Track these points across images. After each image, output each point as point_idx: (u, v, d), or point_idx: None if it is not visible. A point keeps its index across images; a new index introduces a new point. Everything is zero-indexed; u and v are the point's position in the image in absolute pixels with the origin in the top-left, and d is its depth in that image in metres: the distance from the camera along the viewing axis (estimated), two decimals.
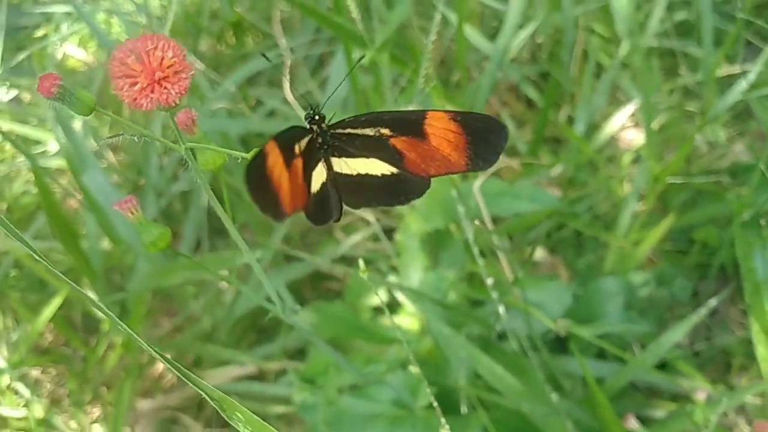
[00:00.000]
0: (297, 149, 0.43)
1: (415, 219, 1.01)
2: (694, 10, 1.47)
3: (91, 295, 1.30)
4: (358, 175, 0.46)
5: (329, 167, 0.46)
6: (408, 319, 1.21)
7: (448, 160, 0.43)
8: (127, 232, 1.16)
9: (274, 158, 0.40)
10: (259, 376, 1.29)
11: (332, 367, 0.99)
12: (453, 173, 0.44)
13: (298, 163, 0.43)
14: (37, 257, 0.38)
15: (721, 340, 1.23)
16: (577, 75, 1.52)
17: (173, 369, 0.36)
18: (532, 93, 1.52)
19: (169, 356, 1.25)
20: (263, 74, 1.73)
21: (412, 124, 0.43)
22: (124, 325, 0.39)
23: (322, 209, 0.47)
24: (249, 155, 0.44)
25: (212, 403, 0.37)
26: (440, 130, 0.43)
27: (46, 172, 1.38)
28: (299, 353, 1.30)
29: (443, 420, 0.73)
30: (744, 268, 0.93)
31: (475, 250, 0.81)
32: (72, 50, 1.87)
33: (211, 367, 1.31)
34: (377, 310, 1.28)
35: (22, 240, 0.38)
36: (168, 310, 1.43)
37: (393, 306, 1.27)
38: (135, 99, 0.39)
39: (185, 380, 0.36)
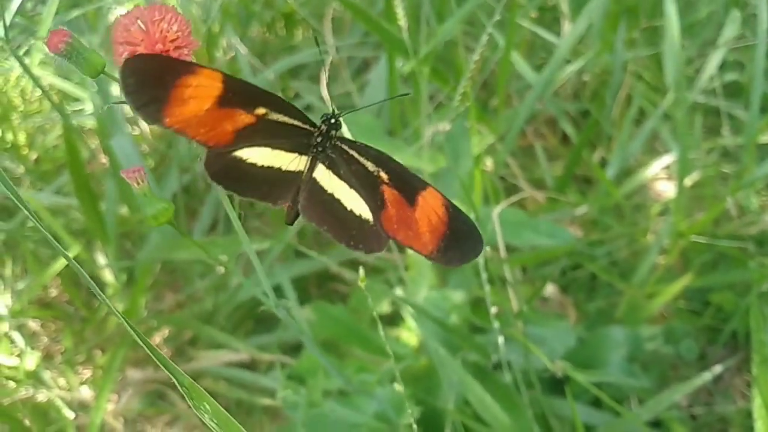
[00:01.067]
0: (256, 109, 0.41)
1: None
2: (747, 73, 1.45)
3: (101, 257, 1.31)
4: (331, 195, 0.45)
5: (311, 169, 0.45)
6: (407, 334, 1.20)
7: (420, 238, 0.42)
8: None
9: (205, 82, 0.38)
10: (251, 365, 1.28)
11: (322, 369, 0.98)
12: (416, 251, 0.42)
13: (243, 116, 0.40)
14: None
15: (721, 407, 1.20)
16: (618, 118, 1.50)
17: (149, 350, 0.35)
18: (569, 129, 1.51)
19: (167, 331, 1.25)
20: (306, 68, 1.74)
21: (409, 185, 0.43)
22: (110, 303, 0.39)
23: (273, 191, 0.45)
24: None
25: (181, 390, 0.36)
26: (429, 208, 0.42)
27: (77, 130, 1.40)
28: (294, 348, 1.30)
29: None
30: (755, 339, 0.90)
31: (484, 276, 0.79)
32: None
33: (206, 349, 1.31)
34: (380, 319, 1.27)
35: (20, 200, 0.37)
36: (173, 285, 1.43)
37: (395, 318, 1.26)
38: None
39: (156, 360, 0.36)
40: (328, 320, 1.17)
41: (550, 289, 1.36)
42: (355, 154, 0.44)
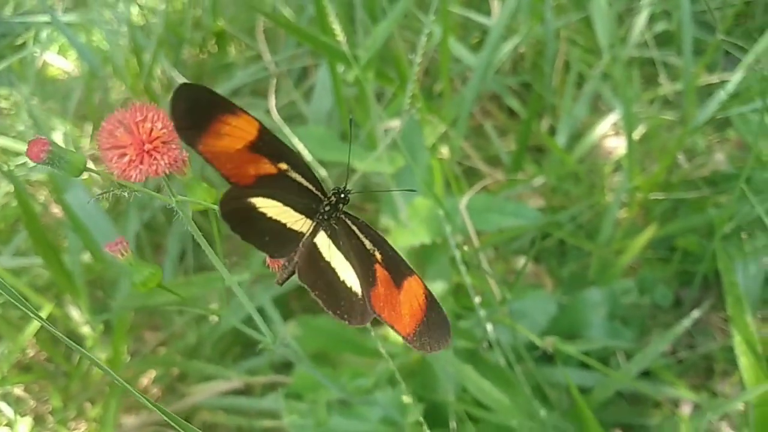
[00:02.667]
0: (280, 163, 0.43)
1: (401, 234, 1.01)
2: (675, 20, 1.49)
3: (74, 310, 1.29)
4: (328, 263, 0.47)
5: (313, 234, 0.47)
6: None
7: (401, 320, 0.44)
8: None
9: (243, 125, 0.41)
10: (246, 391, 1.28)
11: (320, 385, 0.99)
12: (396, 331, 0.45)
13: (267, 165, 0.43)
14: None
15: (703, 347, 1.25)
16: (559, 85, 1.53)
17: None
18: (514, 103, 1.53)
19: (154, 372, 1.24)
20: (246, 84, 1.73)
21: (399, 269, 0.45)
22: (106, 368, 0.39)
23: (273, 243, 0.47)
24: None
25: None
26: (413, 294, 0.44)
27: (26, 184, 1.37)
28: (286, 367, 1.30)
29: None
30: (726, 281, 0.95)
31: (463, 269, 0.81)
32: (52, 59, 1.85)
33: (197, 382, 1.30)
34: None
35: None
36: (152, 325, 1.42)
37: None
38: (124, 171, 0.39)
39: (151, 407, 0.36)
40: (314, 333, 1.18)
41: (523, 262, 1.39)
42: (356, 230, 0.47)
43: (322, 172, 1.10)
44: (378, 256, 0.46)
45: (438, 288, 1.12)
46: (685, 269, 1.32)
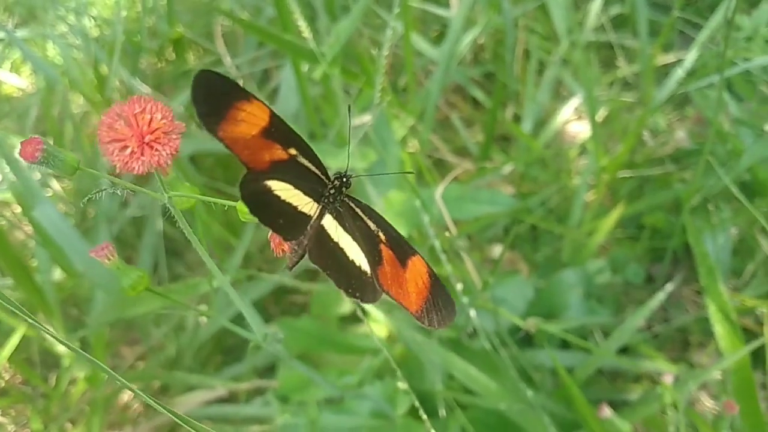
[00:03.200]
0: (290, 149, 0.45)
1: None
2: (629, 3, 1.52)
3: (50, 330, 1.26)
4: (336, 243, 0.48)
5: (320, 217, 0.48)
6: (376, 327, 1.22)
7: (408, 297, 0.46)
8: (83, 263, 1.13)
9: (256, 112, 0.42)
10: (230, 398, 1.27)
11: (307, 386, 0.99)
12: (404, 308, 0.47)
13: (279, 150, 0.45)
14: None
15: (677, 320, 1.28)
16: (521, 74, 1.56)
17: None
18: (478, 94, 1.55)
19: (135, 386, 1.22)
20: None
21: (402, 249, 0.47)
22: (108, 369, 0.38)
23: (287, 225, 0.48)
24: (225, 202, 0.45)
25: None
26: (417, 272, 0.46)
27: None
28: (268, 371, 1.29)
29: (428, 425, 0.74)
30: (696, 252, 0.97)
31: (443, 257, 0.82)
32: (5, 76, 1.80)
33: (180, 394, 1.28)
34: (344, 321, 1.28)
35: None
36: (129, 340, 1.40)
37: (358, 316, 1.27)
38: (126, 163, 0.39)
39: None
40: (296, 334, 1.17)
41: (498, 249, 1.41)
42: (360, 212, 0.48)
43: None
44: (382, 236, 0.47)
45: None
46: (655, 246, 1.36)
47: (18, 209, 1.54)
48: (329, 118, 1.27)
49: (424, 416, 0.70)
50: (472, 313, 0.87)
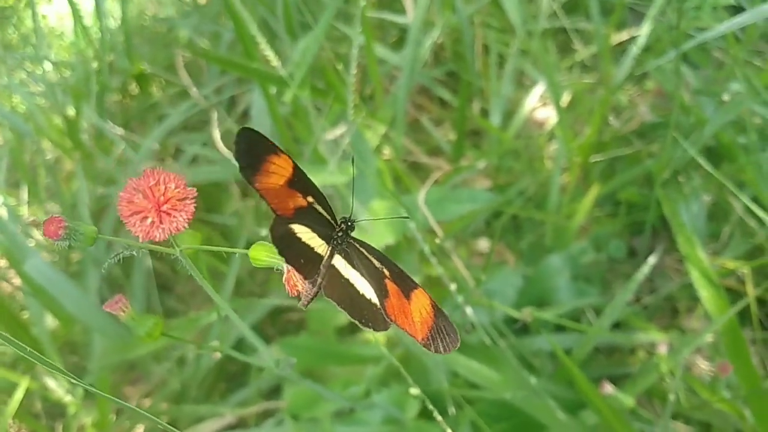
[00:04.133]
0: (308, 197, 0.50)
1: (367, 240, 1.04)
2: None
3: (51, 381, 1.26)
4: (347, 280, 0.53)
5: (330, 257, 0.53)
6: (374, 334, 1.24)
7: (413, 326, 0.50)
8: (78, 310, 1.14)
9: (283, 164, 0.47)
10: (240, 424, 1.28)
11: (316, 402, 1.01)
12: (411, 336, 0.51)
13: (299, 198, 0.50)
14: None
15: (664, 289, 1.32)
16: (482, 69, 1.59)
17: None
18: (444, 93, 1.58)
19: (143, 425, 1.22)
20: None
21: (406, 283, 0.51)
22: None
23: (306, 265, 0.51)
24: (238, 251, 0.48)
25: None
26: (420, 304, 0.50)
27: None
28: (274, 392, 1.31)
29: (443, 425, 0.76)
30: (674, 223, 1.01)
31: (434, 261, 0.84)
32: None
33: (189, 426, 1.29)
34: (342, 333, 1.30)
35: None
36: (131, 380, 1.40)
37: (355, 326, 1.29)
38: (148, 232, 0.42)
39: None
40: (298, 352, 1.19)
41: (483, 244, 1.44)
42: (365, 252, 0.53)
43: None
44: (386, 272, 0.51)
45: None
46: (633, 220, 1.39)
47: (2, 263, 1.53)
48: (303, 136, 1.29)
49: (439, 417, 0.72)
50: (468, 310, 0.89)
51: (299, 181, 0.49)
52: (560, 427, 0.94)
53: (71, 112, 1.62)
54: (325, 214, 0.52)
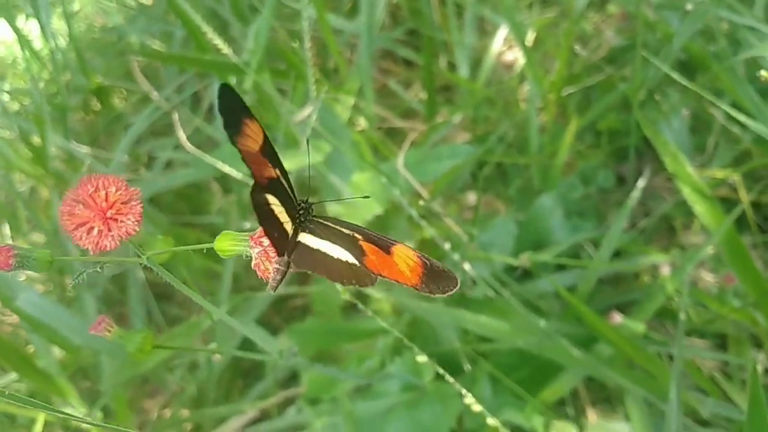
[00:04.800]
0: (275, 169, 0.49)
1: (353, 214, 1.03)
2: None
3: (68, 409, 1.26)
4: (318, 249, 0.52)
5: (296, 235, 0.52)
6: (378, 305, 1.23)
7: (402, 275, 0.49)
8: (79, 337, 1.13)
9: (256, 130, 0.46)
10: (263, 417, 1.28)
11: (333, 383, 1.00)
12: (402, 284, 0.49)
13: (270, 169, 0.48)
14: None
15: (658, 210, 1.31)
16: (442, 21, 1.56)
17: None
18: (408, 53, 1.55)
19: None
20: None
21: (382, 241, 0.50)
22: None
23: (279, 238, 0.51)
24: (203, 245, 0.47)
25: None
26: (404, 255, 0.49)
27: None
28: (291, 379, 1.30)
29: (457, 386, 0.76)
30: (657, 143, 1.00)
31: (424, 224, 0.83)
32: None
33: (213, 428, 1.29)
34: (347, 310, 1.29)
35: None
36: (148, 392, 1.40)
37: (360, 300, 1.28)
38: (97, 243, 0.39)
39: None
40: (307, 337, 1.18)
41: (470, 196, 1.43)
42: (331, 224, 0.51)
43: None
44: (358, 236, 0.50)
45: None
46: (617, 147, 1.38)
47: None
48: (272, 121, 1.26)
49: (451, 379, 0.71)
50: (467, 266, 0.88)
51: (270, 151, 0.47)
52: (577, 365, 0.94)
53: (37, 139, 1.59)
54: (288, 190, 0.50)
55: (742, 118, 0.90)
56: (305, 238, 0.52)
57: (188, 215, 1.53)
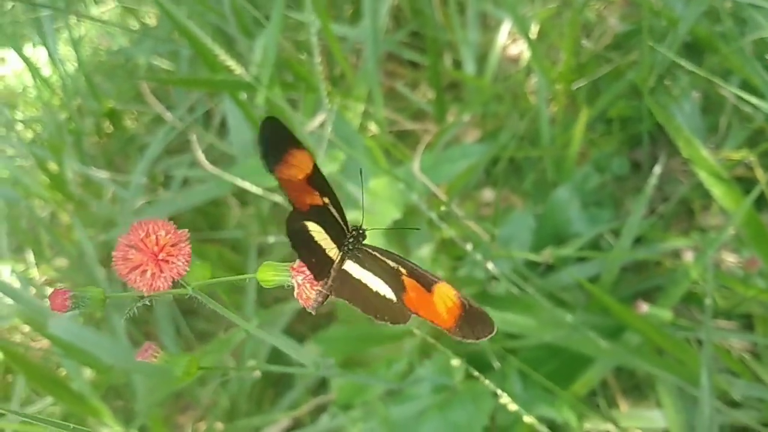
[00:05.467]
0: (324, 197, 0.50)
1: (372, 220, 1.03)
2: None
3: (106, 430, 1.28)
4: (359, 280, 0.52)
5: (341, 262, 0.52)
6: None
7: (439, 316, 0.49)
8: (111, 357, 1.15)
9: (304, 159, 0.47)
10: (296, 425, 1.29)
11: (364, 388, 1.01)
12: (437, 325, 0.50)
13: (316, 197, 0.49)
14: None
15: (675, 194, 1.31)
16: (444, 20, 1.56)
17: None
18: (412, 55, 1.56)
19: None
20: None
21: (425, 278, 0.50)
22: None
23: (317, 265, 0.51)
24: (247, 276, 0.48)
25: None
26: (444, 295, 0.49)
27: (4, 337, 1.34)
28: (321, 386, 1.32)
29: (488, 383, 0.77)
30: (670, 129, 1.00)
31: (444, 226, 0.84)
32: None
33: None
34: None
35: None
36: (180, 407, 1.41)
37: None
38: (151, 285, 0.41)
39: None
40: (334, 343, 1.19)
41: (487, 194, 1.43)
42: (378, 255, 0.52)
43: (277, 199, 1.11)
44: (402, 270, 0.51)
45: (425, 252, 1.15)
46: (629, 134, 1.38)
47: (25, 329, 1.54)
48: None
49: (486, 380, 0.72)
50: (490, 265, 0.89)
51: (317, 180, 0.48)
52: (606, 355, 0.95)
53: (54, 166, 1.61)
54: (338, 218, 0.51)
55: (752, 99, 0.90)
56: (350, 266, 0.52)
57: (206, 231, 1.54)
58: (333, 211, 0.50)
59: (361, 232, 0.52)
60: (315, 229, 0.50)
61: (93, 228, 1.52)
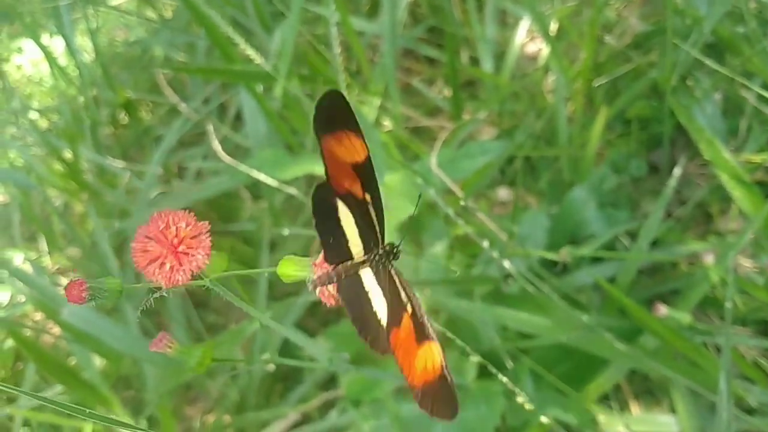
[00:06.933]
0: (366, 194, 0.47)
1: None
2: None
3: (113, 415, 1.28)
4: (367, 291, 0.50)
5: (362, 266, 0.50)
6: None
7: (412, 369, 0.45)
8: (123, 345, 1.14)
9: (357, 146, 0.45)
10: (305, 420, 1.29)
11: (373, 385, 1.01)
12: (404, 375, 0.46)
13: (358, 187, 0.47)
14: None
15: (693, 197, 1.29)
16: (463, 17, 1.55)
17: None
18: (430, 51, 1.55)
19: None
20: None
21: (424, 329, 0.47)
22: None
23: (333, 248, 0.49)
24: (266, 270, 0.46)
25: None
26: (429, 354, 0.45)
27: (16, 324, 1.34)
28: (330, 381, 1.31)
29: (505, 380, 0.76)
30: (692, 129, 0.98)
31: (461, 222, 0.83)
32: None
33: None
34: None
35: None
36: (189, 399, 1.41)
37: None
38: (170, 278, 0.40)
39: None
40: (344, 339, 1.19)
41: (501, 193, 1.42)
42: (397, 281, 0.49)
43: (291, 191, 1.10)
44: (409, 309, 0.48)
45: (439, 249, 1.14)
46: (647, 135, 1.37)
47: (37, 317, 1.55)
48: (299, 126, 1.27)
49: (504, 378, 0.71)
50: (506, 263, 0.88)
51: (366, 173, 0.46)
52: (622, 358, 0.94)
53: (69, 155, 1.62)
54: (375, 222, 0.48)
55: None
56: (366, 274, 0.50)
57: (219, 223, 1.54)
58: (372, 212, 0.48)
59: (395, 250, 0.49)
60: (344, 214, 0.47)
61: (107, 218, 1.52)
